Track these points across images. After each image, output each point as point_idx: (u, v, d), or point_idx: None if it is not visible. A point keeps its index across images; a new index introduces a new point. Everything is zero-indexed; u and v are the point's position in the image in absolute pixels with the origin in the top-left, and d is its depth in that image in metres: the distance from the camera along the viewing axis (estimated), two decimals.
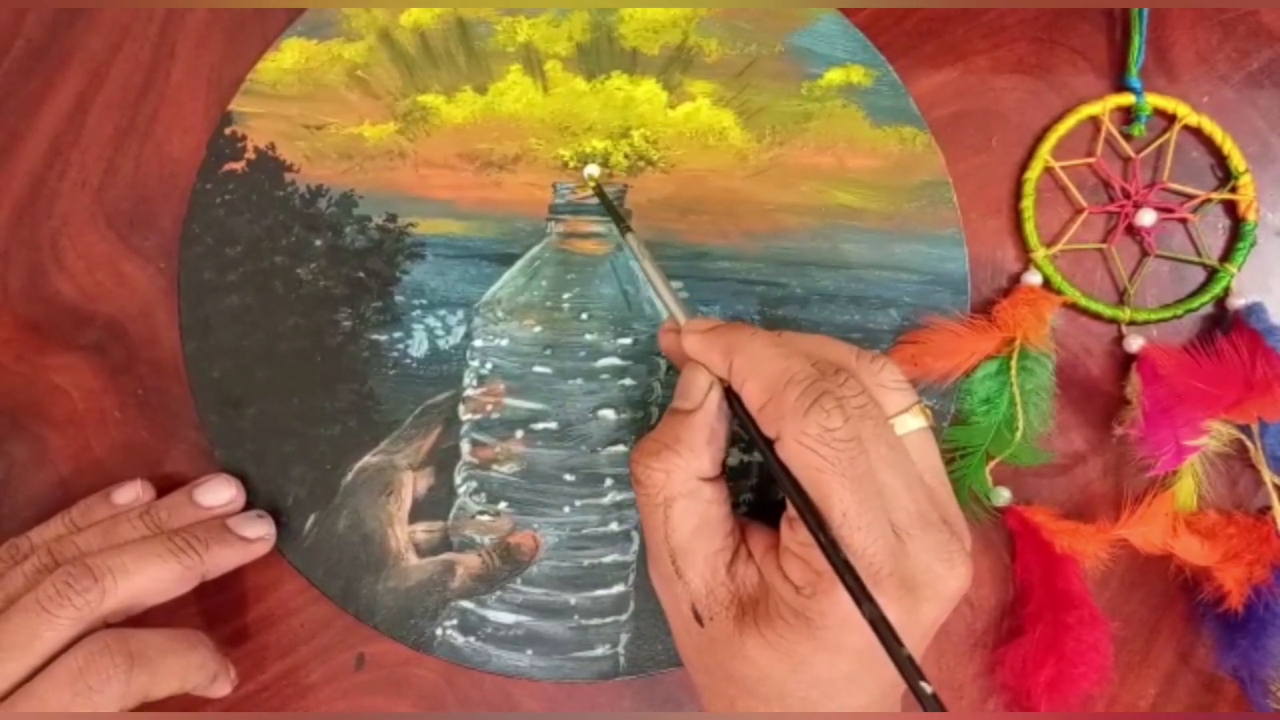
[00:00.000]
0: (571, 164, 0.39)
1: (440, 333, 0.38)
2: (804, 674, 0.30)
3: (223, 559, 0.35)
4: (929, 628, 0.30)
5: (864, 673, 0.30)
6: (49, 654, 0.31)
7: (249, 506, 0.37)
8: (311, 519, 0.38)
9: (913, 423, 0.32)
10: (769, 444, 0.30)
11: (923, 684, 0.25)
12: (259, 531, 0.36)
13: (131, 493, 0.37)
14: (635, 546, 0.38)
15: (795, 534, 0.30)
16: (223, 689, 0.35)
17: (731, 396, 0.31)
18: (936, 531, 0.30)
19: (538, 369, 0.38)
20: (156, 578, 0.33)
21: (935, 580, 0.30)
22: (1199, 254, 0.39)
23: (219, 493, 0.37)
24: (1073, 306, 0.39)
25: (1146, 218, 0.39)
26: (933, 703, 0.25)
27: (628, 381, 0.38)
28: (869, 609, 0.26)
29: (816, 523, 0.28)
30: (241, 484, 0.37)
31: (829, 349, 0.32)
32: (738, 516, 0.33)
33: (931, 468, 0.32)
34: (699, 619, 0.31)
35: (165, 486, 0.37)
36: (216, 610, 0.38)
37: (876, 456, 0.29)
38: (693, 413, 0.32)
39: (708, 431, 0.32)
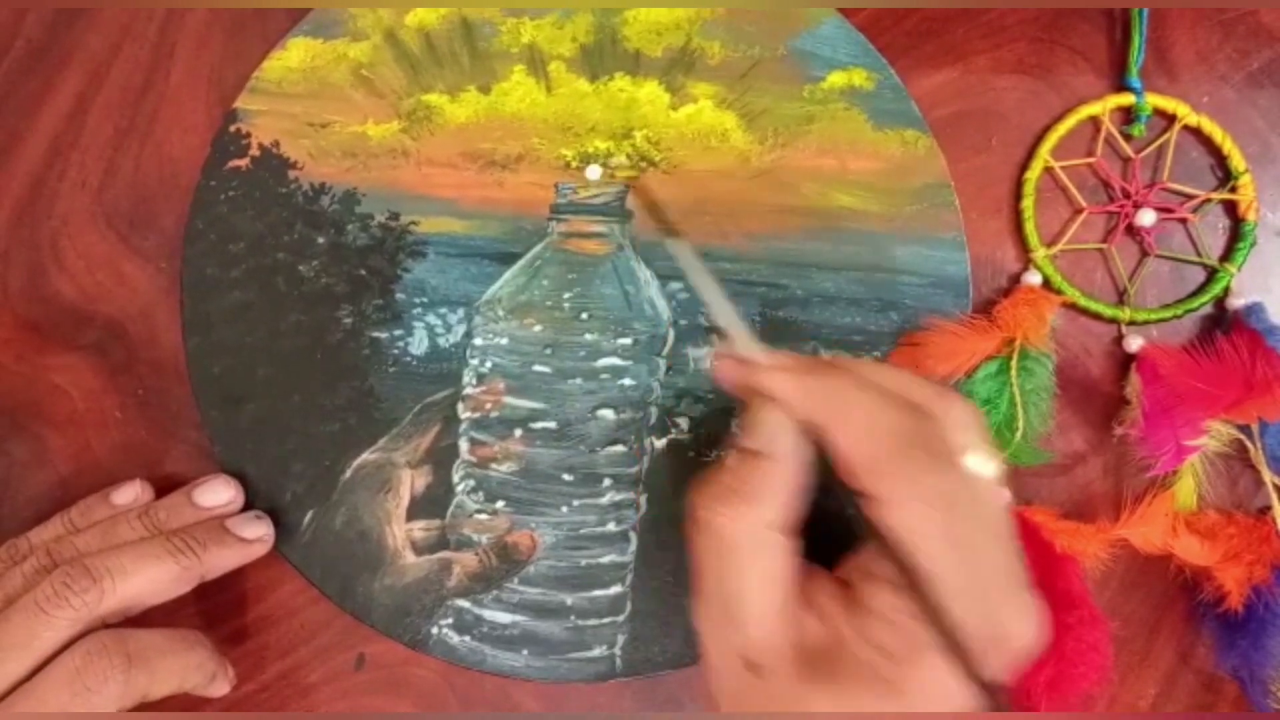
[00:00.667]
0: (574, 164, 0.39)
1: (441, 331, 0.38)
2: None
3: (221, 560, 0.35)
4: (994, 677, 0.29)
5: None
6: (47, 654, 0.31)
7: (248, 506, 0.37)
8: (309, 515, 0.38)
9: (985, 468, 0.30)
10: (862, 501, 0.28)
11: None
12: (257, 532, 0.36)
13: (130, 493, 0.37)
14: (633, 547, 0.38)
15: (883, 596, 0.28)
16: (221, 689, 0.35)
17: (816, 444, 0.29)
18: (1021, 591, 0.29)
19: (537, 368, 0.38)
20: (155, 578, 0.33)
21: (1014, 638, 0.28)
22: (1199, 254, 0.39)
23: (218, 493, 0.37)
24: (1073, 306, 0.39)
25: (1146, 218, 0.39)
26: None
27: (627, 381, 0.38)
28: (977, 692, 0.26)
29: (922, 594, 0.27)
30: (240, 483, 0.37)
31: (916, 391, 0.30)
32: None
33: (1003, 519, 0.30)
34: (753, 669, 0.29)
35: (165, 486, 0.37)
36: (216, 610, 0.38)
37: (971, 516, 0.28)
38: (769, 458, 0.30)
39: (783, 480, 0.29)
